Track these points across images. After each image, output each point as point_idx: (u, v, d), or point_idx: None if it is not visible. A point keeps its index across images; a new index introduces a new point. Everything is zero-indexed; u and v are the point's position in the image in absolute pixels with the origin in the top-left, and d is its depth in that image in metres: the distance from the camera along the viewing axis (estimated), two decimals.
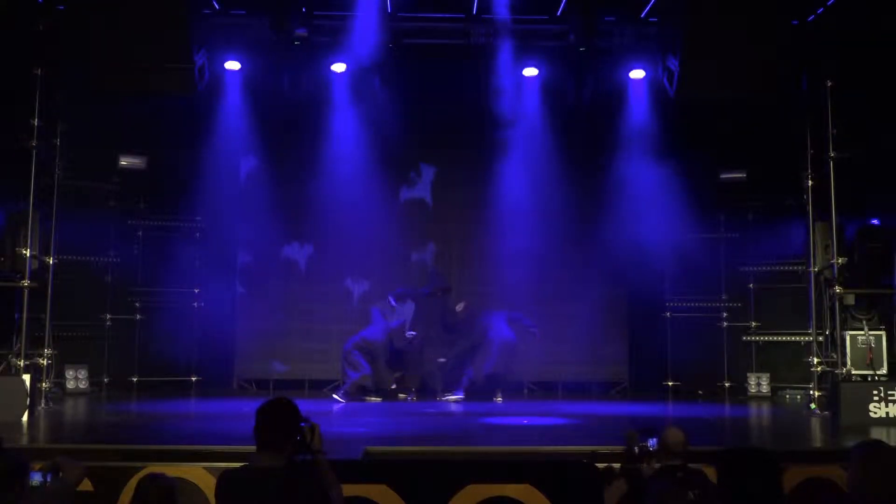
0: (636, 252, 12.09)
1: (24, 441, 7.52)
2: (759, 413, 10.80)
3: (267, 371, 12.46)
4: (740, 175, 12.17)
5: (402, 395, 11.43)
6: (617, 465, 4.58)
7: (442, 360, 11.66)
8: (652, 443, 4.54)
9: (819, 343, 10.53)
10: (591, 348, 12.24)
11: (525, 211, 12.02)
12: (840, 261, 10.01)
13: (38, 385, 9.56)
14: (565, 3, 10.95)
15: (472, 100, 11.94)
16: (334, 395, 11.12)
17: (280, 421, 3.53)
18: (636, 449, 4.50)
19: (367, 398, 11.10)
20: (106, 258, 12.10)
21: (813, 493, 5.97)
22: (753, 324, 12.37)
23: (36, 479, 3.64)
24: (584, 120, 12.09)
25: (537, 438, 8.35)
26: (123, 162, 11.94)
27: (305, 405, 3.79)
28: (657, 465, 4.48)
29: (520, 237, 11.83)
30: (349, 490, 3.70)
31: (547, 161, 12.03)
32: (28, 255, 9.59)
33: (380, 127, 12.00)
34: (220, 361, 12.36)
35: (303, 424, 3.57)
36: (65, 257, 10.70)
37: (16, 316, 9.68)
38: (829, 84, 9.84)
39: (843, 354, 9.98)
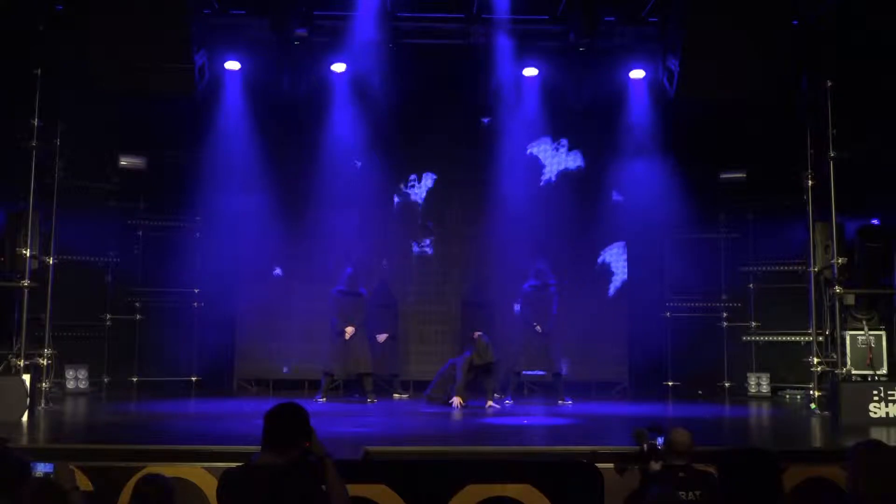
0: (636, 252, 12.09)
1: (24, 441, 7.51)
2: (759, 413, 10.78)
3: (267, 371, 12.46)
4: (740, 175, 12.16)
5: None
6: (632, 454, 4.61)
7: None
8: (660, 441, 4.57)
9: (819, 343, 10.51)
10: (591, 348, 12.22)
11: (524, 211, 12.01)
12: (840, 261, 9.99)
13: (38, 385, 9.55)
14: (565, 3, 10.96)
15: (472, 100, 11.96)
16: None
17: (289, 426, 3.55)
18: (645, 446, 4.52)
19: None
20: (106, 258, 12.09)
21: (813, 493, 5.96)
22: (753, 324, 12.35)
23: (39, 469, 3.70)
24: (583, 120, 12.08)
25: (537, 438, 8.35)
26: (123, 162, 11.94)
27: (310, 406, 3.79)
28: (661, 465, 4.50)
29: (519, 237, 11.81)
30: (349, 490, 3.70)
31: (546, 161, 12.03)
32: (28, 255, 9.57)
33: (379, 127, 12.01)
34: (220, 361, 12.33)
35: None
36: (65, 257, 10.67)
37: (16, 316, 9.67)
38: (829, 84, 9.82)
39: (843, 354, 9.97)
